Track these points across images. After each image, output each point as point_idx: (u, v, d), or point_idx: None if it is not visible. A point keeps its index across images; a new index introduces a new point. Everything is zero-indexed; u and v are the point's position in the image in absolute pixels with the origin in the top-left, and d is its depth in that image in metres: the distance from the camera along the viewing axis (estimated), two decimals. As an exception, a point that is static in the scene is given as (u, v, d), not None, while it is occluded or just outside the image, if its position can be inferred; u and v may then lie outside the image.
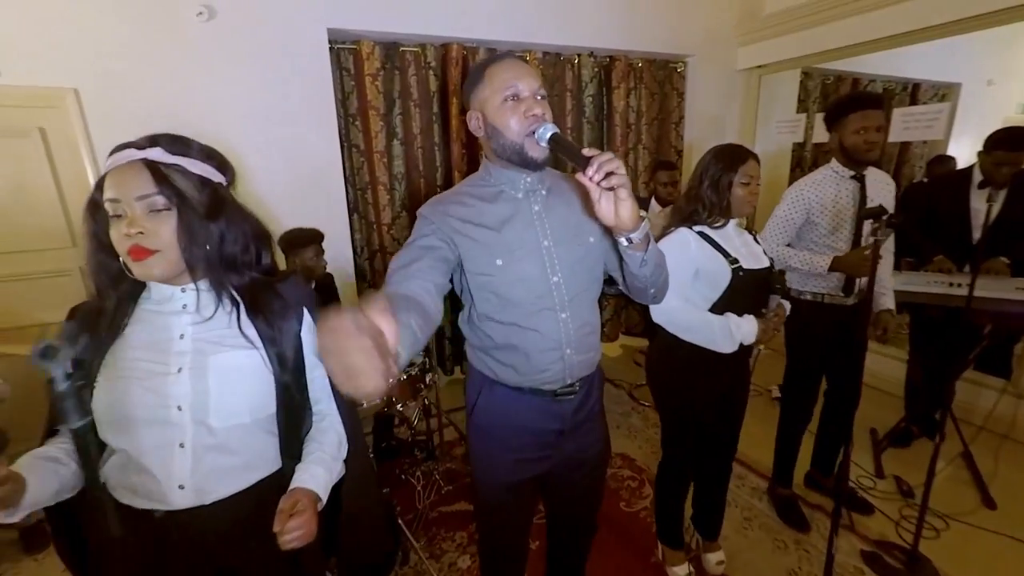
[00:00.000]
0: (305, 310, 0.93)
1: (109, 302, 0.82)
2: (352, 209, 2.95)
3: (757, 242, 1.60)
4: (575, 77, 3.26)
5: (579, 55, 3.23)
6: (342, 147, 2.83)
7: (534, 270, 1.03)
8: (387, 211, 2.94)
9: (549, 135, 0.92)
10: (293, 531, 0.78)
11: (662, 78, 3.56)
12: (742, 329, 1.46)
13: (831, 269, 1.77)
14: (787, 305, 1.60)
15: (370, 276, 3.07)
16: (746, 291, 1.47)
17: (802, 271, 1.90)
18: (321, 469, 0.91)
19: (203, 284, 0.86)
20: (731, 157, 1.47)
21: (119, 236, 0.77)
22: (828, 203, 1.84)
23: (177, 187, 0.79)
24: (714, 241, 1.48)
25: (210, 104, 2.39)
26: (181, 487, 0.82)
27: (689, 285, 1.50)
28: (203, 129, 2.27)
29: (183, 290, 0.85)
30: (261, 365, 0.86)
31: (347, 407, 1.01)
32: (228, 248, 0.85)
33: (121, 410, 0.80)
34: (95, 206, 0.78)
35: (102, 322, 0.82)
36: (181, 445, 0.81)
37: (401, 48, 2.78)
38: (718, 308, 1.49)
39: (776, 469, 2.14)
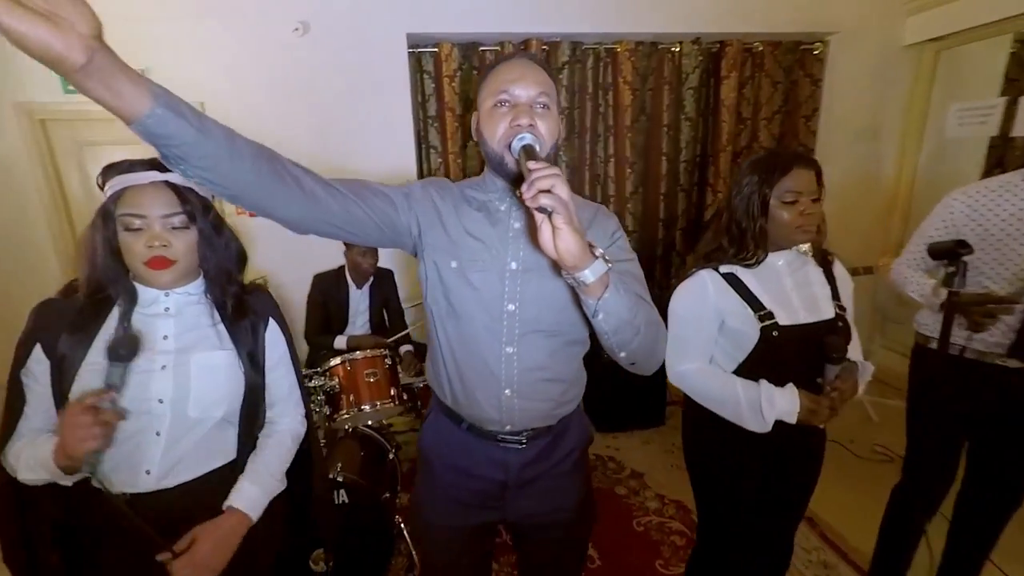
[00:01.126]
0: (271, 318, 1.01)
1: (90, 302, 0.88)
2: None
3: (832, 279, 1.19)
4: (675, 68, 2.90)
5: (680, 43, 2.86)
6: (420, 148, 2.91)
7: (489, 290, 0.89)
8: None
9: (520, 146, 0.78)
10: (179, 570, 0.81)
11: (790, 63, 2.97)
12: (776, 405, 1.10)
13: (946, 308, 1.23)
14: (866, 369, 1.17)
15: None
16: (789, 353, 1.11)
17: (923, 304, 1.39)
18: (257, 489, 0.95)
19: (193, 289, 0.93)
20: (767, 167, 1.12)
21: (140, 247, 0.84)
22: (996, 222, 1.31)
23: (194, 207, 0.87)
24: (742, 285, 1.14)
25: (304, 110, 2.63)
26: (148, 472, 0.87)
27: (711, 340, 1.19)
28: (296, 133, 2.50)
29: (167, 294, 0.91)
30: (235, 365, 0.93)
31: (307, 407, 1.09)
32: (228, 263, 0.94)
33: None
34: (107, 215, 0.85)
35: (82, 320, 0.87)
36: (157, 433, 0.87)
37: (480, 48, 2.76)
38: (748, 372, 1.15)
39: (877, 567, 1.59)
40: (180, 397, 0.88)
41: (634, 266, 0.96)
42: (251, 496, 0.93)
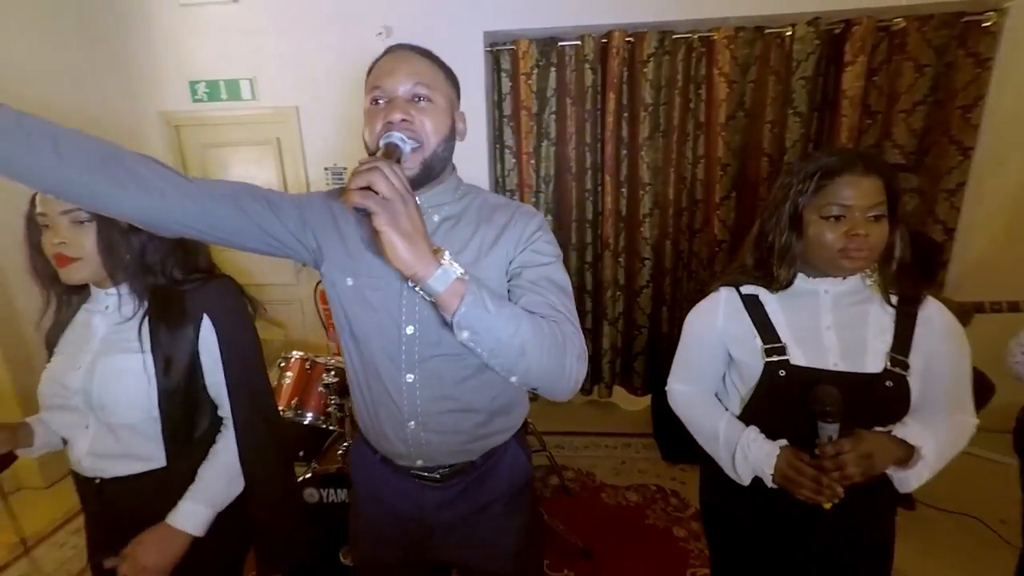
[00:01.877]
0: (205, 316, 0.94)
1: (51, 301, 0.96)
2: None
3: (909, 325, 0.88)
4: (783, 55, 2.50)
5: (793, 25, 2.45)
6: (495, 148, 2.87)
7: (387, 310, 0.81)
8: (531, 215, 2.86)
9: (383, 143, 0.71)
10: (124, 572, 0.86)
11: (944, 41, 2.40)
12: (750, 457, 0.91)
13: None
14: (923, 465, 0.86)
15: (511, 279, 3.06)
16: (796, 401, 0.87)
17: None
18: (195, 502, 0.93)
19: (124, 288, 0.93)
20: (807, 169, 0.88)
21: (48, 245, 0.88)
22: None
23: None
24: (761, 310, 0.94)
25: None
26: (80, 461, 0.94)
27: (715, 367, 1.05)
28: None
29: (107, 293, 0.94)
30: (141, 370, 0.90)
31: (261, 410, 1.00)
32: (149, 257, 0.92)
33: (42, 394, 0.95)
34: (31, 218, 0.90)
35: (58, 316, 0.98)
36: (86, 427, 0.94)
37: (559, 43, 2.63)
38: (751, 416, 0.96)
39: None
40: (88, 399, 0.90)
41: (551, 270, 0.80)
42: (188, 513, 0.92)
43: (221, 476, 0.96)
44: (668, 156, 2.72)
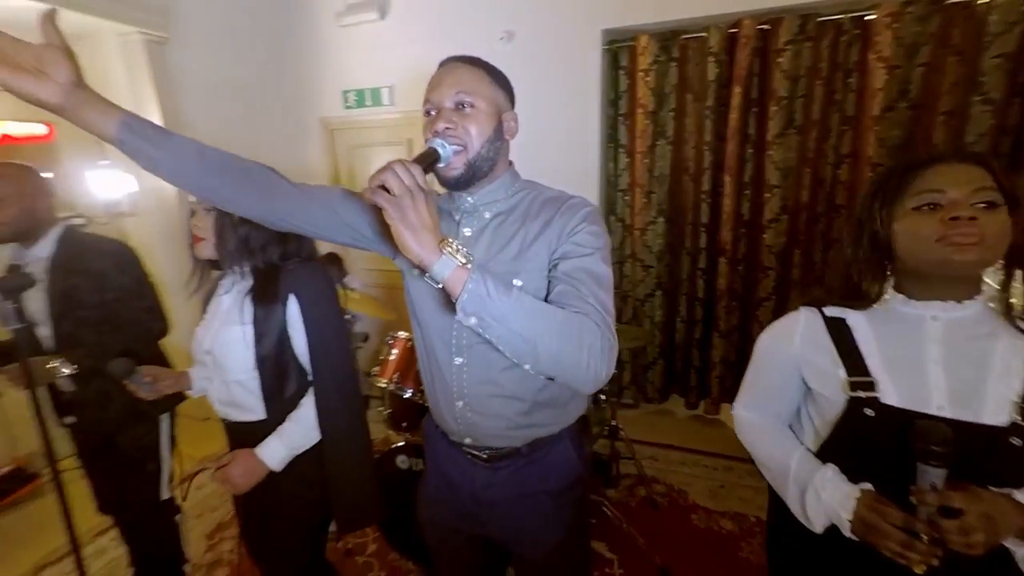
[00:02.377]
0: (291, 296, 1.11)
1: (193, 272, 1.21)
2: (609, 211, 2.92)
3: None
4: (972, 31, 2.06)
5: (986, -8, 2.01)
6: (608, 147, 2.83)
7: (443, 296, 0.85)
8: (641, 215, 2.77)
9: (427, 146, 0.80)
10: (215, 477, 1.10)
11: None
12: (825, 495, 0.79)
13: None
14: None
15: (618, 280, 2.99)
16: (888, 448, 0.74)
17: None
18: (277, 441, 1.13)
19: (235, 270, 1.14)
20: (890, 171, 0.77)
21: (191, 227, 1.14)
22: None
23: None
24: (847, 336, 0.81)
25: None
26: (213, 405, 1.19)
27: (787, 395, 0.93)
28: None
29: (230, 272, 1.16)
30: (241, 339, 1.10)
31: (337, 380, 1.15)
32: (252, 243, 1.11)
33: (192, 350, 1.21)
34: (191, 208, 1.16)
35: (203, 287, 1.23)
36: (212, 380, 1.18)
37: (682, 37, 2.49)
38: (831, 458, 0.83)
39: None
40: (214, 355, 1.13)
41: (589, 261, 0.80)
42: (270, 447, 1.11)
43: (300, 426, 1.13)
44: (803, 155, 2.42)
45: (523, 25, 2.70)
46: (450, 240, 0.69)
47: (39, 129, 2.70)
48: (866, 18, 2.18)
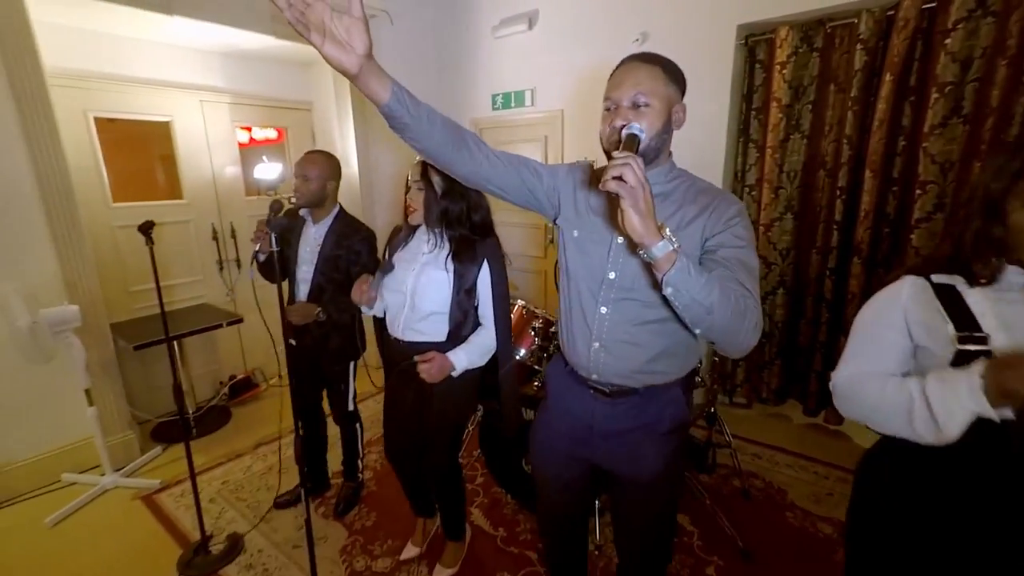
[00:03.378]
0: (486, 261, 1.49)
1: (404, 232, 1.65)
2: (734, 205, 2.89)
3: None
4: None
5: None
6: (739, 142, 2.81)
7: (598, 258, 1.10)
8: (767, 211, 2.71)
9: (627, 133, 0.95)
10: (422, 368, 1.48)
11: None
12: (949, 378, 0.77)
13: None
14: None
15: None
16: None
17: None
18: (463, 353, 1.52)
19: (436, 232, 1.53)
20: (1018, 152, 0.77)
21: (407, 200, 1.56)
22: None
23: (430, 178, 1.49)
24: (957, 300, 0.83)
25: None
26: (398, 327, 1.59)
27: (891, 357, 0.91)
28: None
29: (431, 232, 1.55)
30: (445, 282, 1.49)
31: (506, 323, 1.56)
32: (450, 216, 1.50)
33: (385, 284, 1.62)
34: (406, 185, 1.57)
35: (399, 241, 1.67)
36: (403, 306, 1.58)
37: (828, 24, 2.38)
38: None
39: None
40: (413, 291, 1.51)
41: (744, 253, 0.97)
42: (457, 354, 1.50)
43: (478, 349, 1.53)
44: (973, 147, 2.15)
45: (657, 26, 2.82)
46: (665, 226, 0.84)
47: (272, 134, 3.64)
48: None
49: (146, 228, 1.63)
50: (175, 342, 2.81)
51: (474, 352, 1.52)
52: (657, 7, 2.80)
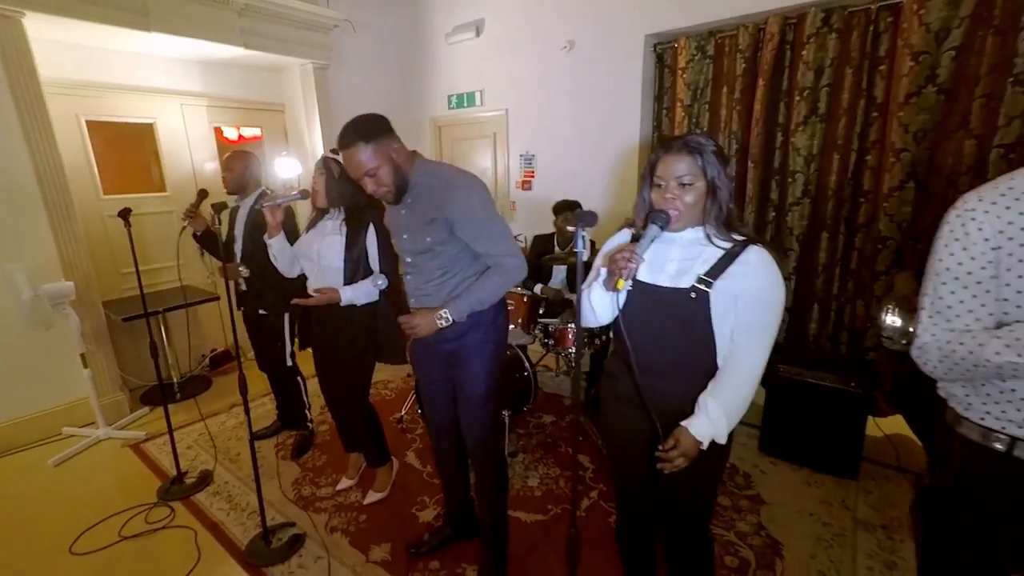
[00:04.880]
0: (371, 224, 1.86)
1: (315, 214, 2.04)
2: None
3: None
4: (1009, 11, 2.03)
5: (1020, -27, 1.96)
6: (652, 139, 3.19)
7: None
8: (677, 198, 3.08)
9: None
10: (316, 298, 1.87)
11: None
12: None
13: None
14: None
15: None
16: None
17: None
18: (349, 290, 1.90)
19: (337, 211, 1.92)
20: None
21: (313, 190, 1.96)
22: None
23: (329, 166, 1.86)
24: None
25: (570, 109, 3.40)
26: (311, 285, 1.98)
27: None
28: (563, 128, 3.30)
29: (333, 210, 1.94)
30: (340, 244, 1.87)
31: (391, 270, 1.91)
32: (346, 193, 1.86)
33: (297, 250, 2.01)
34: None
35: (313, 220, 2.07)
36: (313, 268, 1.97)
37: (717, 35, 2.75)
38: None
39: None
40: (319, 253, 1.88)
41: (479, 226, 1.46)
42: (345, 291, 1.85)
43: (361, 288, 1.87)
44: (830, 142, 2.52)
45: (581, 36, 3.19)
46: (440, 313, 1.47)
47: (256, 132, 4.02)
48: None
49: (124, 214, 2.02)
50: (160, 318, 3.22)
51: (358, 290, 1.85)
52: (580, 19, 3.18)
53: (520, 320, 2.60)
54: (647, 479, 1.32)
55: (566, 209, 2.88)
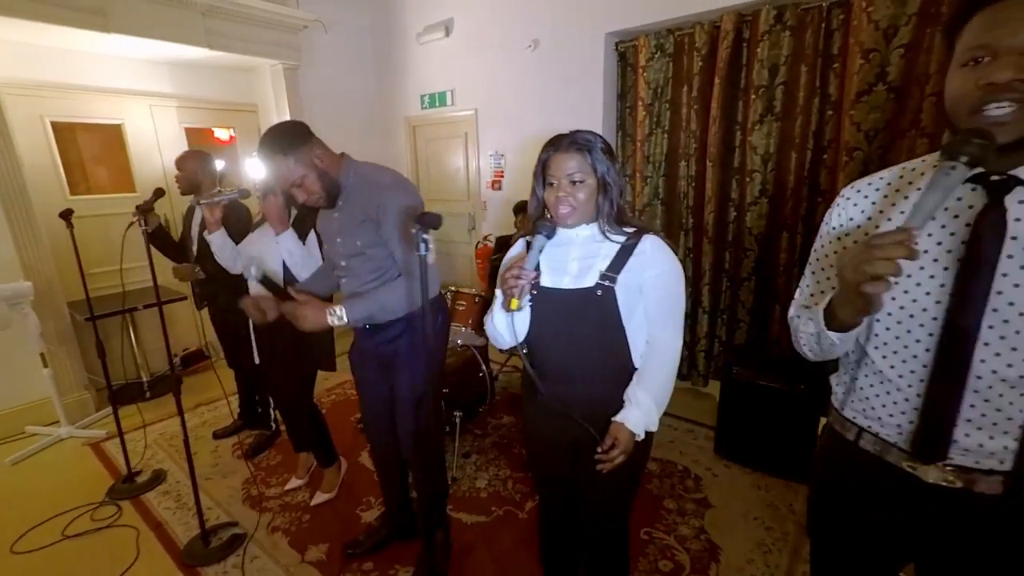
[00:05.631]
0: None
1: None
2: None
3: None
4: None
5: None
6: (618, 136, 3.16)
7: None
8: (640, 198, 3.06)
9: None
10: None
11: None
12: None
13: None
14: None
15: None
16: None
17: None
18: None
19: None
20: None
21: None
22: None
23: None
24: None
25: (536, 105, 3.38)
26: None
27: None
28: (531, 123, 3.27)
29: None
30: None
31: None
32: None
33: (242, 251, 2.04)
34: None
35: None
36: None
37: (676, 33, 2.72)
38: None
39: None
40: (260, 256, 1.92)
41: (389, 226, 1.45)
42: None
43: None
44: (787, 141, 2.49)
45: (544, 35, 3.17)
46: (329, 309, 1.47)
47: (228, 134, 4.03)
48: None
49: (66, 215, 2.05)
50: (127, 317, 3.24)
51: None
52: (543, 18, 3.16)
53: (471, 321, 2.59)
54: (570, 480, 1.34)
55: (523, 210, 2.87)
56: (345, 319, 1.46)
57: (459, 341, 2.65)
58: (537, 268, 1.15)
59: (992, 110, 0.65)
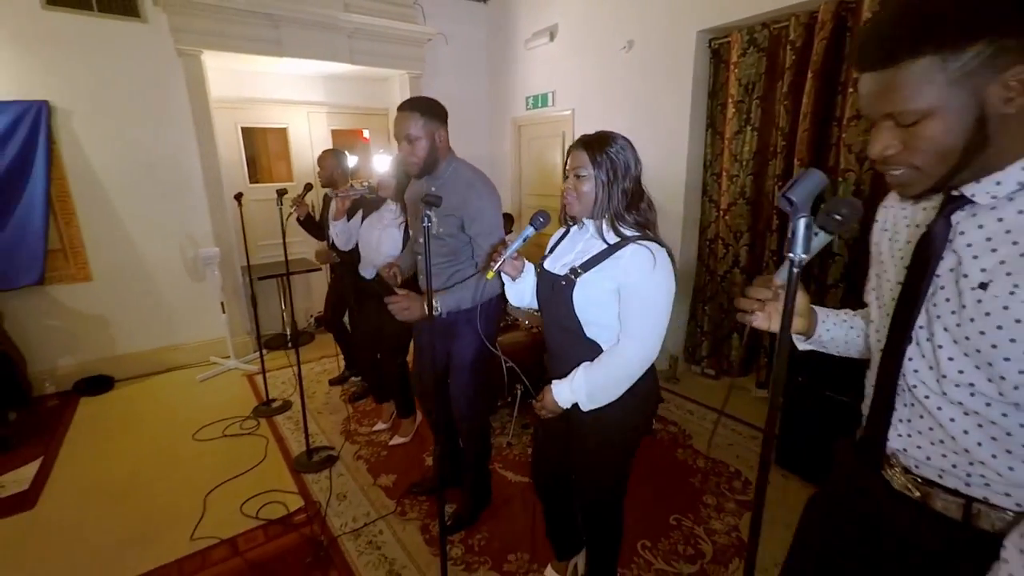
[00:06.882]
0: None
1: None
2: (704, 192, 3.21)
3: None
4: None
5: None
6: (707, 134, 3.12)
7: None
8: (726, 197, 3.00)
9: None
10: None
11: None
12: None
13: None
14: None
15: (705, 256, 3.26)
16: None
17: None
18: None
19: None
20: None
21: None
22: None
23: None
24: None
25: (627, 106, 3.47)
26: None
27: None
28: (620, 124, 3.46)
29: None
30: (398, 237, 2.34)
31: None
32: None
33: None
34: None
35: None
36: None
37: (772, 27, 2.62)
38: None
39: None
40: (378, 242, 2.34)
41: (487, 228, 1.66)
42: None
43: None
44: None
45: (638, 35, 3.25)
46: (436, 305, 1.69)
47: (367, 134, 4.78)
48: None
49: (238, 197, 2.74)
50: (281, 281, 4.08)
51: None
52: (636, 20, 3.24)
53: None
54: (563, 432, 1.43)
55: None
56: (440, 310, 1.68)
57: (528, 323, 2.91)
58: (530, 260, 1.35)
59: (889, 175, 0.69)
